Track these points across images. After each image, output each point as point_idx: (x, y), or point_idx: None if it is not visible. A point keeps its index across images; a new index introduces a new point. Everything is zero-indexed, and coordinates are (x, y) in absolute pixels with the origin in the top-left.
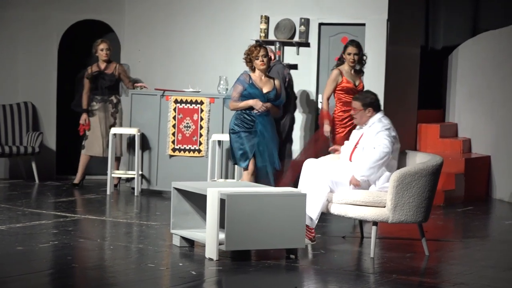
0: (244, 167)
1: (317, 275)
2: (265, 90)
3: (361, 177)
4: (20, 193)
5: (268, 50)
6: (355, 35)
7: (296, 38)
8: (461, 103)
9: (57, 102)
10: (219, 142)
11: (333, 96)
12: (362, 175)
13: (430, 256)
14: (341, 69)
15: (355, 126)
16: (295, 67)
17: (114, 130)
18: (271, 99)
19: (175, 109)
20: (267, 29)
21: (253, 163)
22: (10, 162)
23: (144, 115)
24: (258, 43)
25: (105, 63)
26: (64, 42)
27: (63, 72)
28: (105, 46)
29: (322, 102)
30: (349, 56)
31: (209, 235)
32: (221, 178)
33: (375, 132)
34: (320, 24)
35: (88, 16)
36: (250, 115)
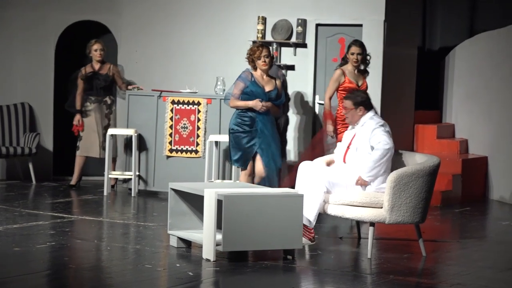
0: (242, 168)
1: (314, 276)
2: (267, 89)
3: (369, 177)
4: (17, 194)
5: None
6: (352, 36)
7: (293, 39)
8: (458, 104)
9: (54, 103)
10: (216, 143)
11: (336, 96)
12: (369, 175)
13: (427, 257)
14: (344, 69)
15: None
16: (292, 68)
17: (111, 131)
18: (272, 98)
19: (172, 110)
20: (264, 30)
21: (251, 165)
22: (7, 163)
23: (141, 116)
24: (260, 43)
25: (99, 64)
26: (61, 43)
27: (60, 73)
28: (99, 47)
29: (324, 102)
30: (352, 56)
31: (206, 236)
32: (218, 179)
33: (370, 130)
34: (317, 25)
35: (85, 17)
36: (250, 114)
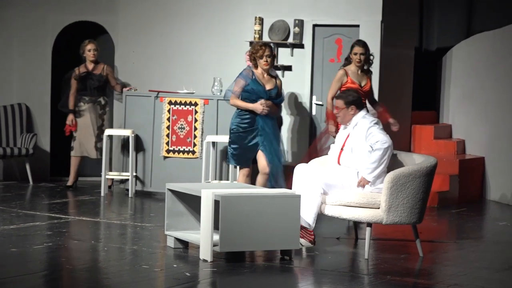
0: (241, 168)
1: (311, 276)
2: (267, 87)
3: (372, 178)
4: (14, 194)
5: None
6: (349, 37)
7: (290, 40)
8: (455, 104)
9: (51, 104)
10: (213, 143)
11: None
12: (373, 176)
13: (424, 257)
14: (347, 69)
15: None
16: (289, 68)
17: (108, 132)
18: (273, 97)
19: (169, 111)
20: (261, 30)
21: (249, 167)
22: (4, 164)
23: (138, 116)
24: (262, 42)
25: (92, 64)
26: (58, 43)
27: (58, 73)
28: (92, 47)
29: (327, 102)
30: (355, 56)
31: (203, 237)
32: (215, 180)
33: (364, 130)
34: (314, 26)
35: (82, 18)
36: (250, 113)
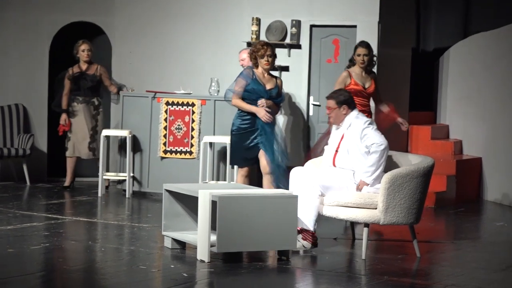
0: (239, 167)
1: (308, 277)
2: (267, 87)
3: (372, 180)
4: (11, 195)
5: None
6: (346, 37)
7: (288, 40)
8: (452, 105)
9: (48, 104)
10: (211, 144)
11: None
12: (372, 178)
13: (422, 258)
14: (350, 71)
15: None
16: (286, 69)
17: (105, 132)
18: (273, 96)
19: (166, 111)
20: (259, 31)
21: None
22: (1, 164)
23: (135, 117)
24: (264, 41)
25: (86, 64)
26: (55, 44)
27: (55, 74)
28: (86, 47)
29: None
30: (358, 57)
31: (200, 237)
32: (212, 180)
33: (359, 131)
34: (312, 26)
35: (79, 18)
36: (250, 114)
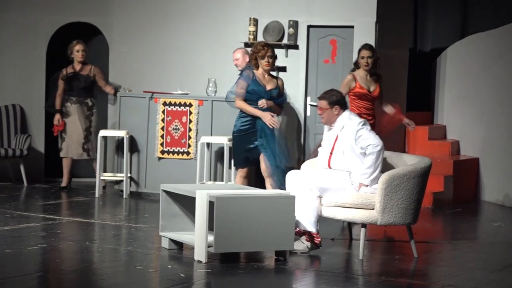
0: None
1: (306, 277)
2: (268, 88)
3: (370, 182)
4: (9, 195)
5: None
6: (343, 38)
7: (285, 41)
8: (450, 105)
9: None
10: (208, 144)
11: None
12: (370, 179)
13: (419, 258)
14: (355, 74)
15: None
16: (283, 69)
17: (102, 133)
18: (274, 96)
19: (163, 112)
20: (256, 31)
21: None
22: None
23: (132, 117)
24: (264, 42)
25: (80, 65)
26: (52, 44)
27: (52, 74)
28: (80, 47)
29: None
30: (362, 60)
31: (198, 238)
32: (210, 181)
33: (353, 132)
34: (309, 27)
35: (77, 19)
36: (251, 116)
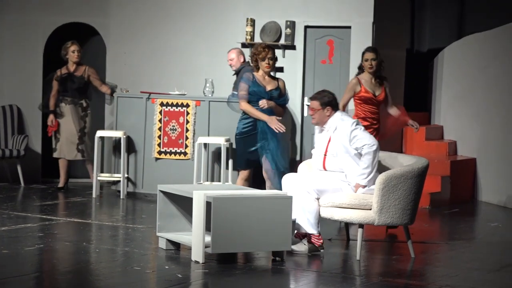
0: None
1: (303, 277)
2: (268, 89)
3: (367, 182)
4: (6, 196)
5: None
6: (341, 38)
7: (282, 41)
8: (447, 105)
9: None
10: (205, 145)
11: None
12: (368, 179)
13: (416, 258)
14: (360, 78)
15: (374, 134)
16: (281, 69)
17: (100, 133)
18: (274, 97)
19: (161, 112)
20: (253, 31)
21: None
22: None
23: (130, 118)
24: (265, 43)
25: (74, 65)
26: (49, 45)
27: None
28: (76, 48)
29: None
30: (366, 63)
31: (195, 238)
32: (207, 181)
33: (347, 133)
34: (306, 27)
35: (74, 19)
36: (252, 117)
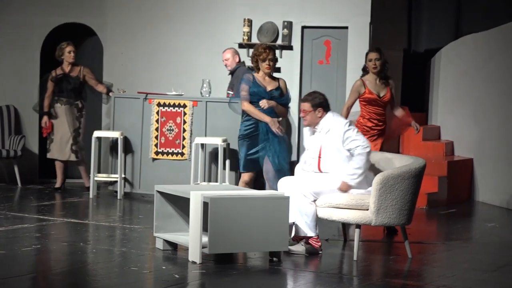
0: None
1: (300, 278)
2: (268, 89)
3: (356, 183)
4: (3, 196)
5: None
6: (338, 38)
7: (279, 41)
8: (444, 106)
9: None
10: (202, 145)
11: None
12: (357, 181)
13: (413, 259)
14: (364, 80)
15: (379, 135)
16: (278, 70)
17: (97, 133)
18: (275, 97)
19: (158, 112)
20: (250, 32)
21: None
22: None
23: (127, 118)
24: (266, 44)
25: (70, 66)
26: (46, 45)
27: None
28: (72, 49)
29: (342, 111)
30: (370, 63)
31: (192, 238)
32: (204, 182)
33: (340, 134)
34: (303, 27)
35: (71, 20)
36: (254, 119)
